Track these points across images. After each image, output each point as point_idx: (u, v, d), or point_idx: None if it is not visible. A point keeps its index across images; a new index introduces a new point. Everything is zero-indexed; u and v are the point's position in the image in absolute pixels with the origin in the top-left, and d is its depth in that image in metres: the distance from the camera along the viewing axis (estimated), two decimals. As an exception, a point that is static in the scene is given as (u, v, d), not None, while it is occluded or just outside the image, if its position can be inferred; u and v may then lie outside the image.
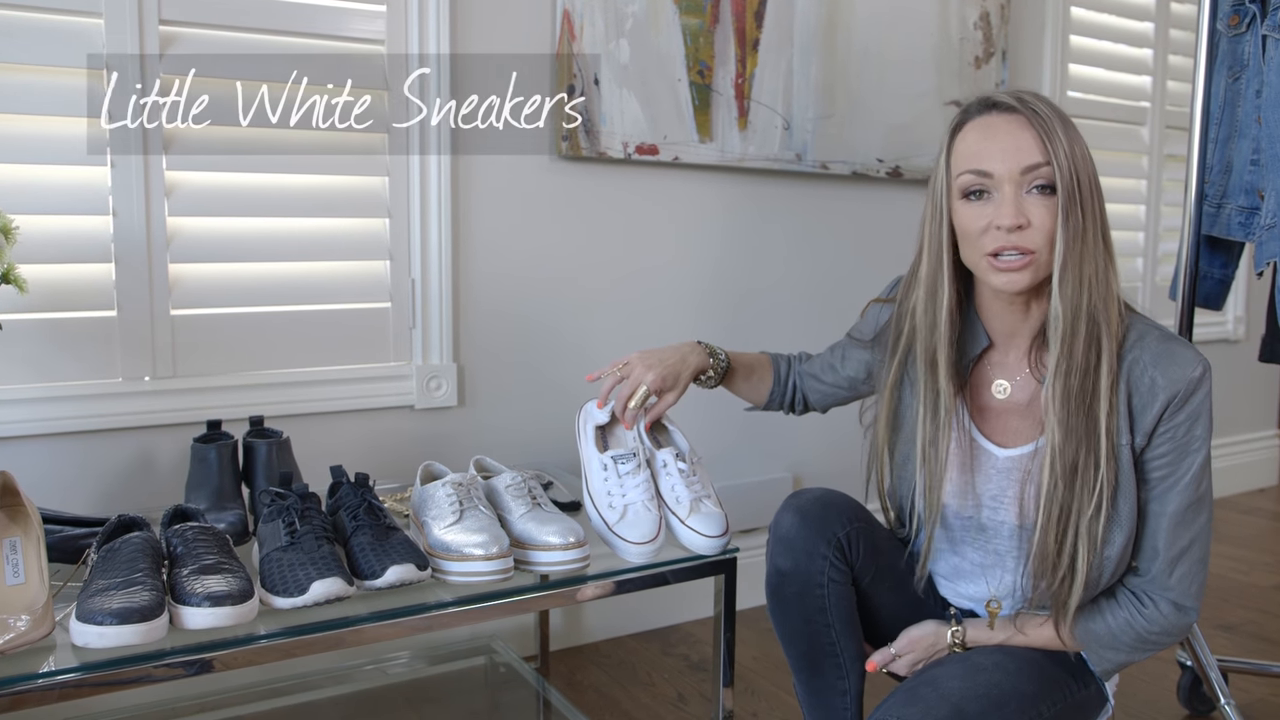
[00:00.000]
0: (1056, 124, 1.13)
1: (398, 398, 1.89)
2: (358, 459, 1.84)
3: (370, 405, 1.87)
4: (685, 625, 2.27)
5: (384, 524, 1.27)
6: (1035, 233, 1.14)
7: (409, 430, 1.91)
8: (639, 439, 1.43)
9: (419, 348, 1.92)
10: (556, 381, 2.07)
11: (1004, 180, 1.14)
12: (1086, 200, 1.12)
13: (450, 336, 1.93)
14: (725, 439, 2.31)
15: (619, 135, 2.03)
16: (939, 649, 1.28)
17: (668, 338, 2.13)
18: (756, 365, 1.54)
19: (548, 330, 2.05)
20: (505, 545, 1.25)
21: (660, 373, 1.42)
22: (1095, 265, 1.13)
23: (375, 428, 1.88)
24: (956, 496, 1.27)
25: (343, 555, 1.24)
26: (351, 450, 1.85)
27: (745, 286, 2.31)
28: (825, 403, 1.53)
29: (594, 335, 2.11)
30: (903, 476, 1.31)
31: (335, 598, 1.14)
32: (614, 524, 1.35)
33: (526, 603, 1.27)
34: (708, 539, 1.35)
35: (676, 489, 1.38)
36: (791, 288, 2.38)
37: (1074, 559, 1.16)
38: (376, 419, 1.88)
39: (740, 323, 2.31)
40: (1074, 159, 1.12)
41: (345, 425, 1.85)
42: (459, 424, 1.96)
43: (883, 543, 1.32)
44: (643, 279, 2.16)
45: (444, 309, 1.92)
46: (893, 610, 1.33)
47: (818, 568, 1.25)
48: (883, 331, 1.36)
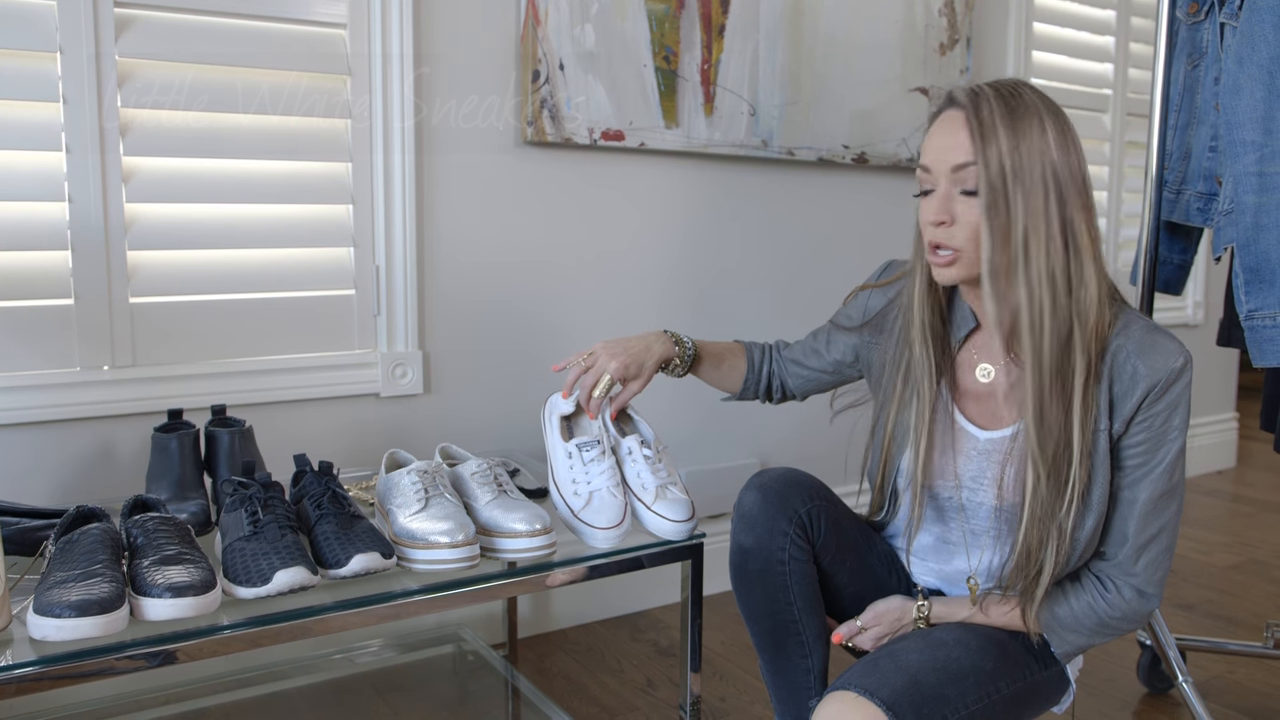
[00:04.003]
0: (1001, 123, 1.10)
1: (362, 385, 1.89)
2: (322, 447, 1.83)
3: (334, 393, 1.85)
4: (653, 611, 2.27)
5: (348, 512, 1.26)
6: (958, 230, 1.14)
7: (374, 418, 1.90)
8: (604, 427, 1.43)
9: (384, 335, 1.91)
10: (522, 368, 2.06)
11: (940, 176, 1.15)
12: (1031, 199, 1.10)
13: (415, 324, 1.92)
14: (692, 425, 2.31)
15: (584, 121, 2.02)
16: (904, 624, 1.28)
17: (634, 325, 2.12)
18: (727, 353, 1.53)
19: (514, 317, 2.05)
20: (471, 532, 1.24)
21: (624, 361, 1.41)
22: (1047, 264, 1.11)
23: (340, 416, 1.87)
24: (938, 476, 1.27)
25: (307, 544, 1.23)
26: (315, 439, 1.84)
27: (711, 273, 2.31)
28: (806, 389, 1.53)
29: (560, 322, 2.10)
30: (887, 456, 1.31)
31: (299, 587, 1.13)
32: (579, 510, 1.35)
33: (493, 590, 1.26)
34: (674, 524, 1.35)
35: (642, 475, 1.38)
36: (757, 274, 2.38)
37: (1046, 545, 1.17)
38: (341, 407, 1.87)
39: (706, 310, 2.30)
40: (1015, 157, 1.09)
41: (309, 414, 1.84)
42: (424, 412, 1.95)
43: (845, 521, 1.32)
44: (608, 265, 2.16)
45: (409, 296, 1.91)
46: (855, 589, 1.34)
47: (779, 545, 1.25)
48: (877, 314, 1.37)
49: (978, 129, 1.11)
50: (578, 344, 2.01)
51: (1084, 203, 1.13)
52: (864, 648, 1.30)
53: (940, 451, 1.26)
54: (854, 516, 1.36)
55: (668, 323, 2.20)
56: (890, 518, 1.36)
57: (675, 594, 2.23)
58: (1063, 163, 1.11)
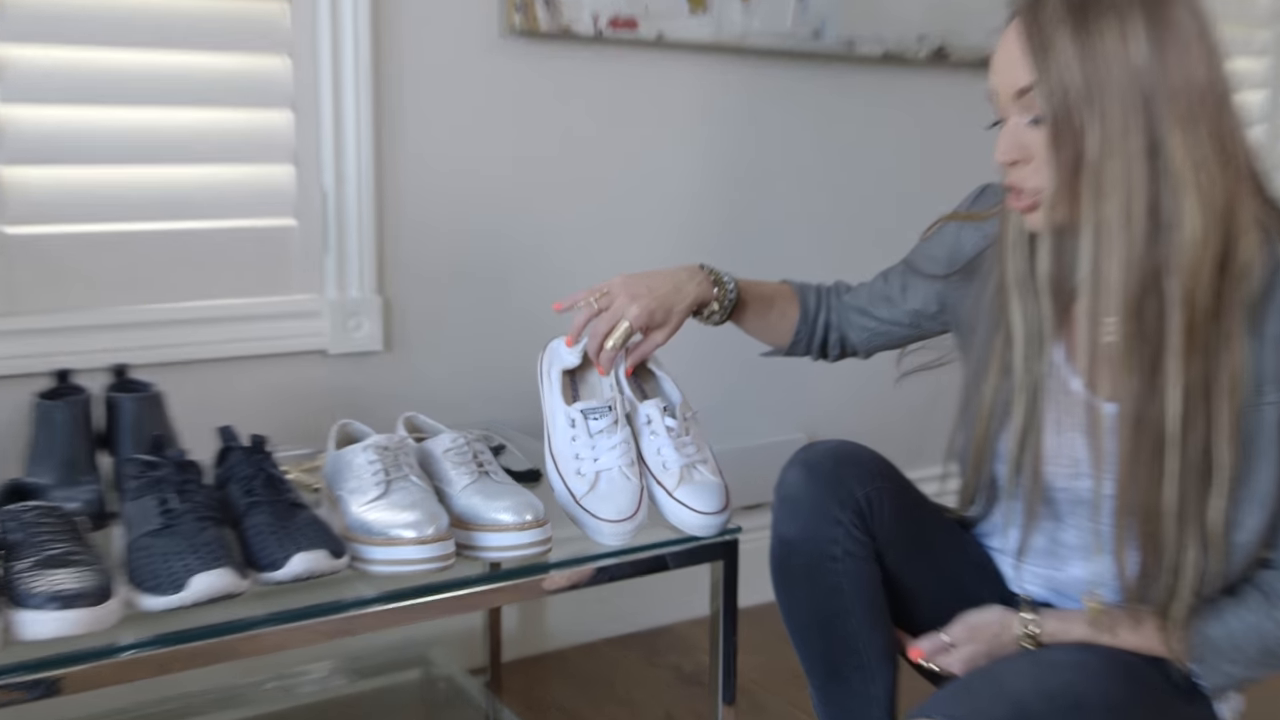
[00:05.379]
0: (1065, 29, 1.10)
1: (306, 340, 1.90)
2: (253, 418, 1.78)
3: (269, 350, 1.87)
4: (676, 627, 2.29)
5: (287, 500, 1.28)
6: (1033, 170, 1.16)
7: (320, 381, 1.92)
8: (617, 388, 1.44)
9: (333, 277, 1.92)
10: (510, 319, 2.08)
11: (1006, 105, 1.17)
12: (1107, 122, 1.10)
13: (373, 262, 1.93)
14: (726, 389, 2.31)
15: (587, 5, 2.03)
16: (1005, 642, 1.28)
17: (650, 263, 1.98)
18: (776, 297, 1.55)
19: (499, 254, 2.07)
20: (444, 525, 1.26)
21: (648, 304, 1.43)
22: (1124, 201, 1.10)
23: (276, 378, 1.89)
24: (1050, 461, 1.27)
25: (233, 541, 1.24)
26: (245, 407, 1.85)
27: (748, 199, 2.31)
28: (873, 344, 1.54)
29: (557, 260, 2.12)
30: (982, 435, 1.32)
31: (224, 595, 1.13)
32: (583, 496, 1.36)
33: (472, 599, 1.28)
34: (702, 515, 1.36)
35: (663, 452, 1.39)
36: (806, 202, 2.38)
37: (1186, 549, 1.17)
38: (277, 367, 1.89)
39: (743, 246, 2.31)
40: (1083, 71, 1.10)
41: (236, 375, 1.86)
42: (384, 373, 1.98)
43: (918, 510, 1.34)
44: (617, 189, 2.17)
45: (365, 227, 1.91)
46: (933, 598, 1.35)
47: (830, 535, 1.27)
48: (969, 254, 1.38)
49: (1037, 41, 1.11)
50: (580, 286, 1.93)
51: (1187, 116, 1.10)
52: (951, 670, 1.30)
53: (1053, 429, 1.27)
54: (932, 506, 1.38)
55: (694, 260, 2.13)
56: (985, 513, 1.37)
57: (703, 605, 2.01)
58: (1152, 69, 1.09)
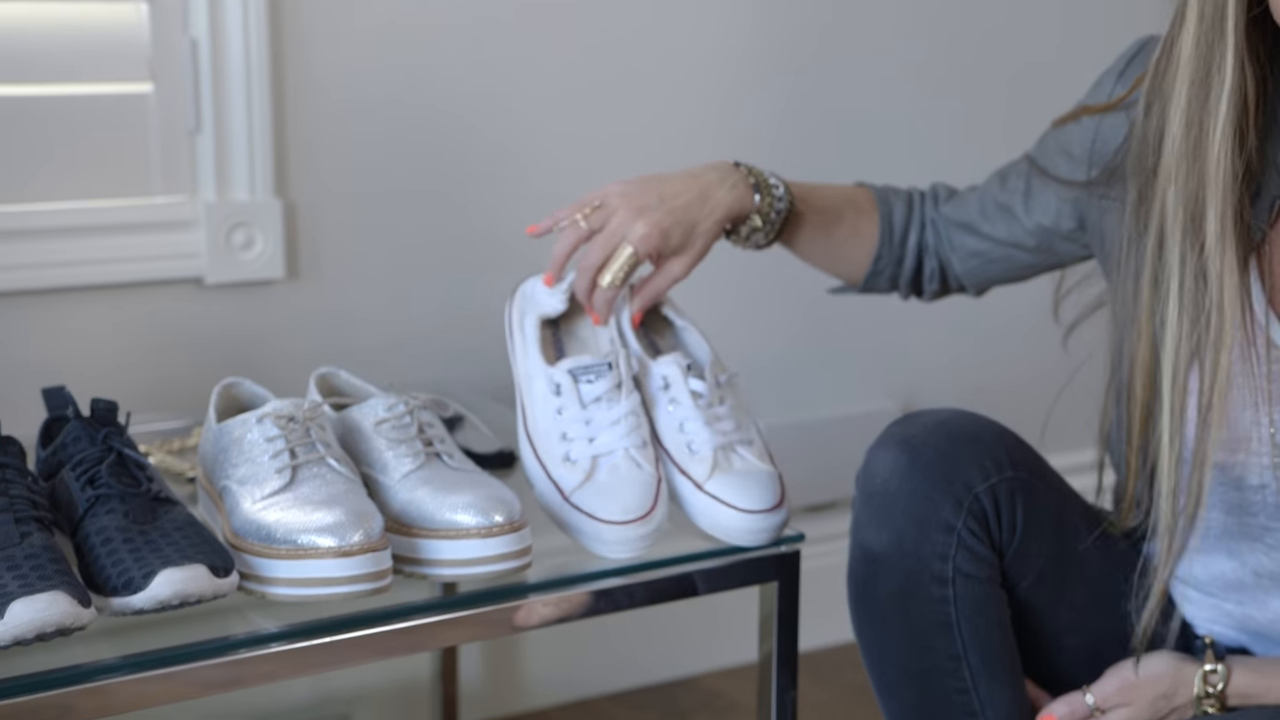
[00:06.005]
0: None
1: (172, 264, 1.80)
2: (97, 377, 1.70)
3: (119, 277, 1.77)
4: (706, 678, 2.17)
5: (148, 494, 1.21)
6: None
7: (194, 323, 1.83)
8: (619, 340, 1.41)
9: (209, 170, 1.81)
10: (467, 241, 1.98)
11: None
12: None
13: (268, 149, 1.81)
14: (779, 343, 2.21)
15: None
16: (1178, 705, 1.25)
17: (667, 163, 1.88)
18: (846, 207, 1.50)
19: (452, 150, 1.96)
20: (376, 531, 1.19)
21: (660, 221, 1.36)
22: None
23: (129, 320, 1.80)
24: (1239, 447, 1.24)
25: (70, 553, 1.19)
26: (83, 360, 1.76)
27: (810, 71, 2.15)
28: (986, 275, 1.50)
29: (533, 155, 2.00)
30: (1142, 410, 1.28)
31: (56, 630, 1.07)
32: (574, 490, 1.31)
33: (416, 635, 1.23)
34: (747, 515, 1.30)
35: (688, 428, 1.34)
36: (898, 87, 2.23)
37: None
38: (131, 303, 1.80)
39: (800, 139, 2.15)
40: None
41: (71, 315, 1.77)
42: (288, 311, 1.89)
43: (1062, 512, 1.30)
44: (621, 55, 2.04)
45: (256, 97, 1.79)
46: (1083, 640, 1.33)
47: (937, 549, 1.23)
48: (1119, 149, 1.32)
49: None
50: (567, 192, 1.72)
51: None
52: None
53: (1245, 402, 1.23)
54: (1083, 509, 1.34)
55: (727, 153, 1.98)
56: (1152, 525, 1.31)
57: (748, 648, 1.90)
58: None
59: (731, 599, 1.41)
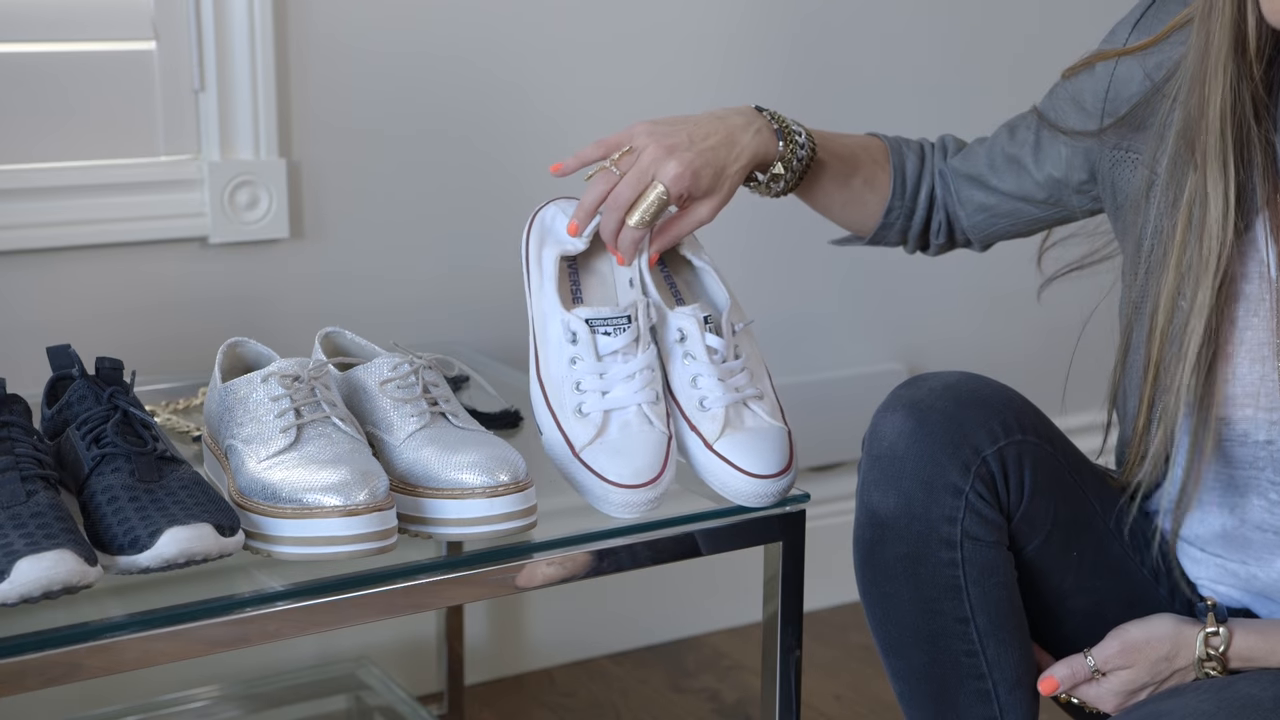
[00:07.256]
0: None
1: (176, 223, 1.82)
2: (102, 337, 1.65)
3: (123, 236, 1.79)
4: (712, 638, 2.21)
5: (154, 452, 1.21)
6: None
7: (199, 282, 1.85)
8: (641, 285, 1.39)
9: (213, 129, 1.82)
10: (476, 194, 1.99)
11: None
12: None
13: (273, 107, 1.83)
14: (789, 300, 2.25)
15: None
16: (1179, 667, 1.26)
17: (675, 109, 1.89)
18: (862, 157, 1.50)
19: (459, 99, 1.98)
20: (382, 490, 1.20)
21: (691, 161, 1.36)
22: None
23: (134, 279, 1.82)
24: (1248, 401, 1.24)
25: (76, 511, 1.19)
26: (89, 321, 1.77)
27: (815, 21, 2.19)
28: (992, 229, 1.50)
29: (541, 114, 2.02)
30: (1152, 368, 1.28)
31: (62, 588, 1.07)
32: (584, 447, 1.31)
33: (422, 594, 1.23)
34: (753, 480, 1.31)
35: (701, 383, 1.34)
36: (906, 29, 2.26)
37: None
38: (136, 262, 1.82)
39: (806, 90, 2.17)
40: None
41: (76, 274, 1.79)
42: (293, 271, 1.91)
43: (1071, 474, 1.31)
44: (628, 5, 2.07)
45: (260, 54, 1.80)
46: (1089, 602, 1.33)
47: (945, 511, 1.23)
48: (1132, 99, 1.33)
49: None
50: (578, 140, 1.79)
51: None
52: (1100, 708, 1.29)
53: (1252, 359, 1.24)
54: (1092, 470, 1.34)
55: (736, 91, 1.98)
56: (1157, 477, 1.31)
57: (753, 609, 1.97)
58: None
59: (736, 559, 1.42)
